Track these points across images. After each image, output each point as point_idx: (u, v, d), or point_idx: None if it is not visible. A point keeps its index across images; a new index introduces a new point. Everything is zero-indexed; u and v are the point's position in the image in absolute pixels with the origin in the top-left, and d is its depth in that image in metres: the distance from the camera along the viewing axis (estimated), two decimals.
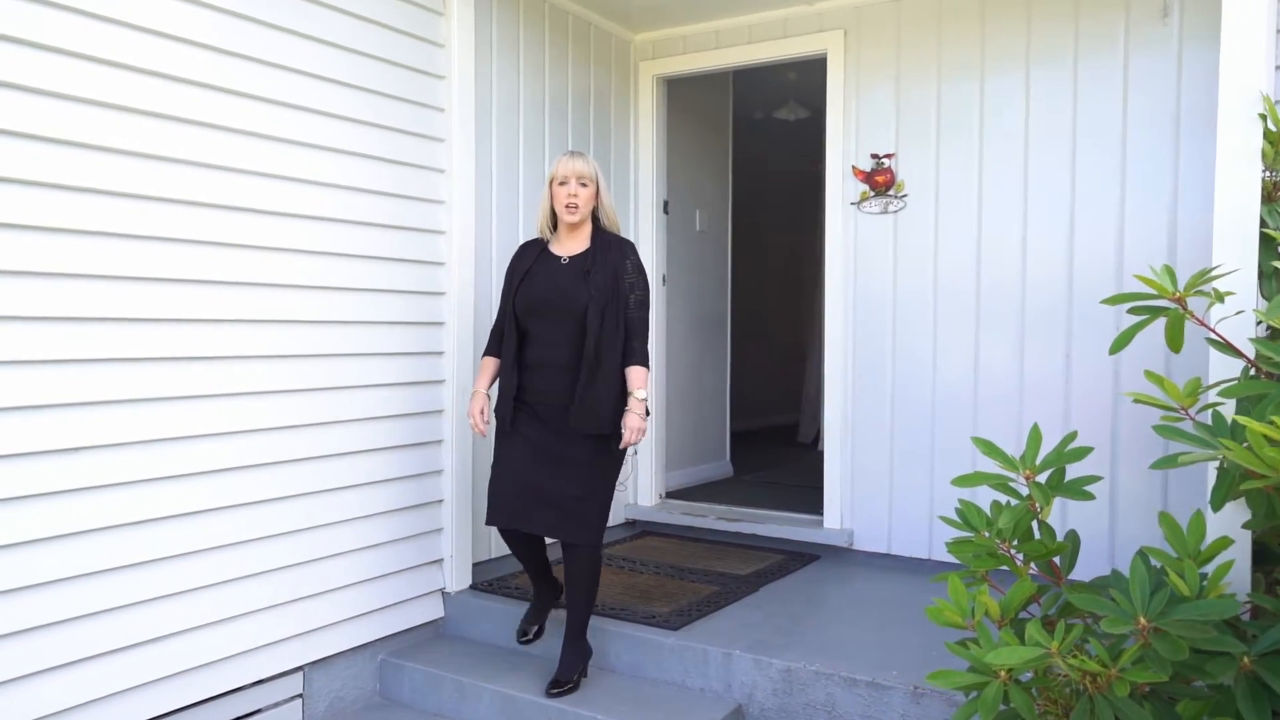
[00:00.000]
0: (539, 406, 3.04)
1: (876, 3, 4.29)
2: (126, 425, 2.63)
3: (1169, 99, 3.67)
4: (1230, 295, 2.10)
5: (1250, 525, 1.99)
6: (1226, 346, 2.06)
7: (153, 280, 2.69)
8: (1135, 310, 2.12)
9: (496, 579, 3.86)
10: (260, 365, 2.99)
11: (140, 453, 2.67)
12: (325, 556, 3.22)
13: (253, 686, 3.01)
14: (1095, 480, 2.03)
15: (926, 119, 4.17)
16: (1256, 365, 1.99)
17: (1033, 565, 2.14)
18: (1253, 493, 1.90)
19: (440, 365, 3.69)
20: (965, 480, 2.11)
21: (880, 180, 4.27)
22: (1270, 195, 2.27)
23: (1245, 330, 2.10)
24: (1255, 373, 2.00)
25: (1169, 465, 1.85)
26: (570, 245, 3.11)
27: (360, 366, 3.34)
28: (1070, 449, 2.04)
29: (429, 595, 3.66)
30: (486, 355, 3.24)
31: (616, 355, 2.99)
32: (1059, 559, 2.10)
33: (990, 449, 2.12)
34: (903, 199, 4.23)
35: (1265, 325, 2.10)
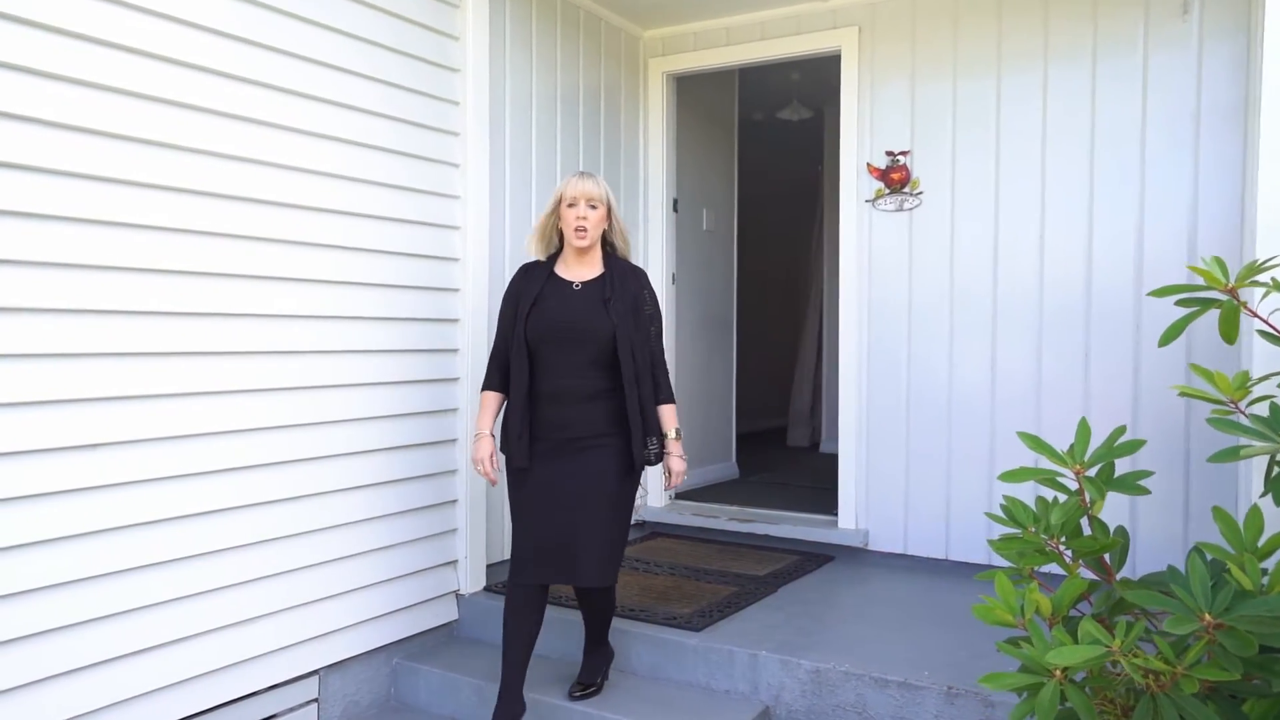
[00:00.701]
0: (552, 441, 2.81)
1: None
2: (143, 421, 2.56)
3: (1189, 97, 3.65)
4: None
5: None
6: (1277, 338, 2.03)
7: (172, 273, 2.63)
8: (1185, 302, 2.09)
9: None
10: (274, 361, 2.93)
11: (158, 450, 2.60)
12: (341, 558, 3.16)
13: (268, 691, 2.94)
14: (1147, 475, 1.99)
15: (942, 116, 4.14)
16: None
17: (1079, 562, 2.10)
18: None
19: (454, 363, 3.62)
20: (1013, 475, 2.06)
21: (895, 177, 4.24)
22: None
23: None
24: None
25: (1230, 459, 1.81)
26: (580, 270, 2.90)
27: (374, 363, 3.28)
28: (1121, 443, 2.00)
29: (443, 597, 3.59)
30: (487, 390, 2.95)
31: (646, 384, 2.87)
32: (1108, 555, 2.06)
33: (1038, 444, 2.08)
34: (918, 196, 4.20)
35: None
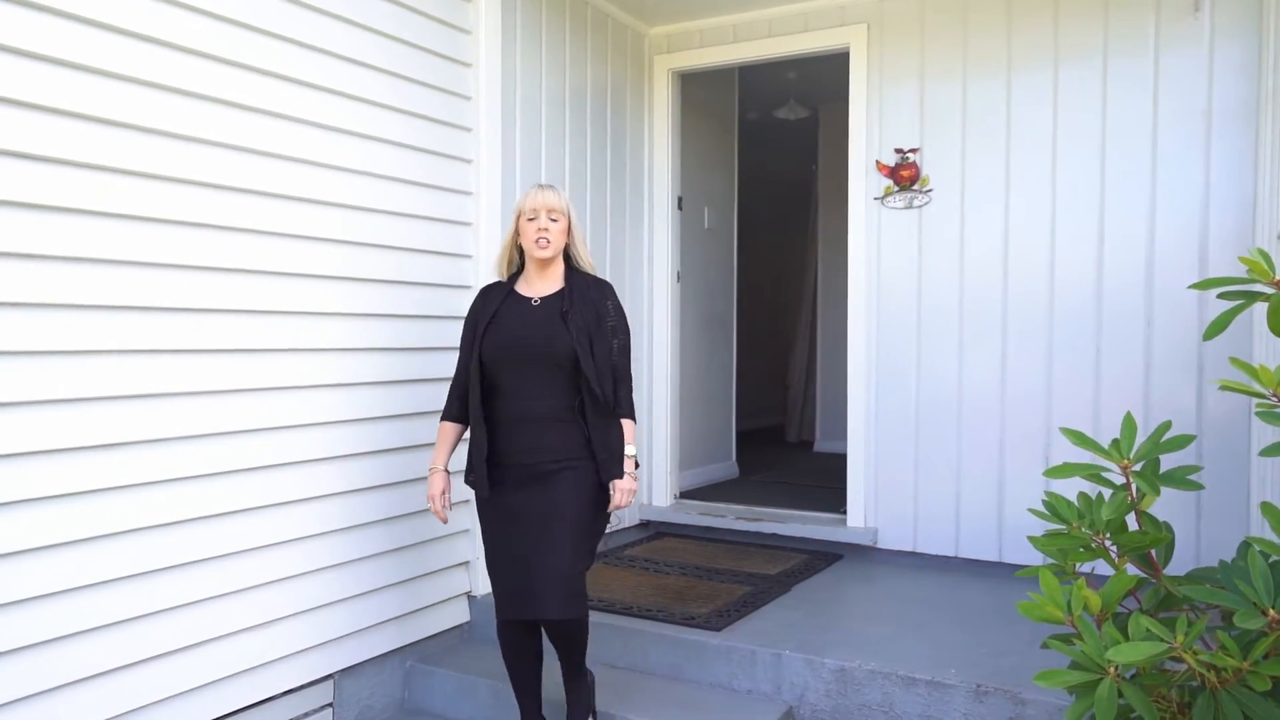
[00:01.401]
0: (514, 469, 2.63)
1: None
2: (162, 421, 2.50)
3: (1200, 94, 3.66)
4: None
5: None
6: None
7: (192, 269, 2.57)
8: (1228, 295, 2.08)
9: None
10: (289, 359, 2.87)
11: (175, 450, 2.54)
12: (355, 559, 3.10)
13: (285, 696, 2.88)
14: (1196, 470, 1.98)
15: (951, 114, 4.14)
16: None
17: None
18: None
19: None
20: (1058, 471, 2.04)
21: (905, 175, 4.23)
22: None
23: None
24: None
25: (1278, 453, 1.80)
26: (540, 286, 2.72)
27: (386, 361, 3.22)
28: (1168, 438, 1.98)
29: (455, 599, 3.54)
30: (445, 420, 2.78)
31: (610, 403, 2.66)
32: (1155, 551, 2.05)
33: (1082, 439, 2.06)
34: (928, 194, 4.19)
35: None
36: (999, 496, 4.01)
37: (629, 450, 2.67)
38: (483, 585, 3.59)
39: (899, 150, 4.25)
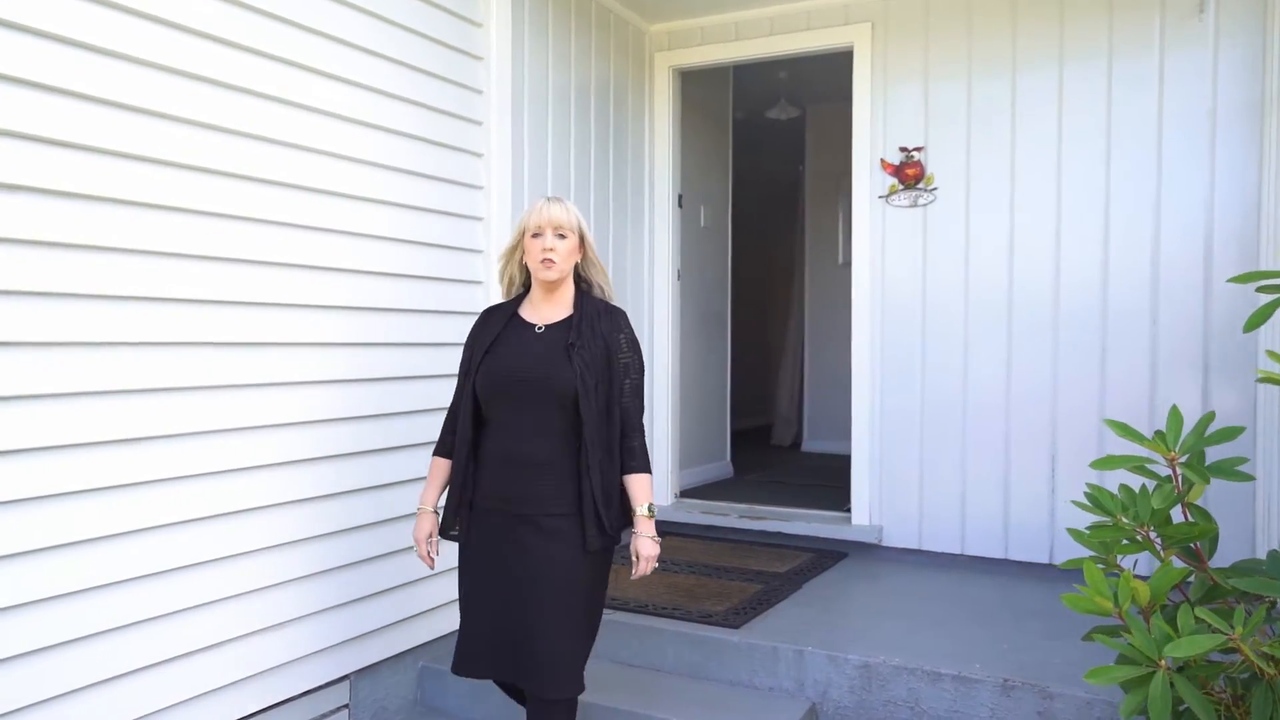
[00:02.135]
0: (498, 515, 2.33)
1: None
2: (176, 416, 2.43)
3: (1204, 95, 3.71)
4: None
5: None
6: None
7: (217, 260, 2.51)
8: (1266, 289, 2.10)
9: None
10: (303, 354, 2.81)
11: (192, 445, 2.47)
12: (371, 558, 3.04)
13: (302, 697, 2.82)
14: (1243, 461, 2.00)
15: (956, 113, 4.16)
16: None
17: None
18: None
19: None
20: (1104, 463, 2.05)
21: (910, 173, 4.24)
22: None
23: None
24: None
25: None
26: (547, 311, 2.42)
27: (397, 356, 3.17)
28: (1215, 430, 2.00)
29: None
30: (438, 455, 2.50)
31: (615, 452, 2.36)
32: (1199, 543, 2.06)
33: (1126, 431, 2.07)
34: (933, 192, 4.21)
35: None
36: (1004, 494, 4.03)
37: (641, 510, 2.34)
38: None
39: (904, 149, 4.26)
